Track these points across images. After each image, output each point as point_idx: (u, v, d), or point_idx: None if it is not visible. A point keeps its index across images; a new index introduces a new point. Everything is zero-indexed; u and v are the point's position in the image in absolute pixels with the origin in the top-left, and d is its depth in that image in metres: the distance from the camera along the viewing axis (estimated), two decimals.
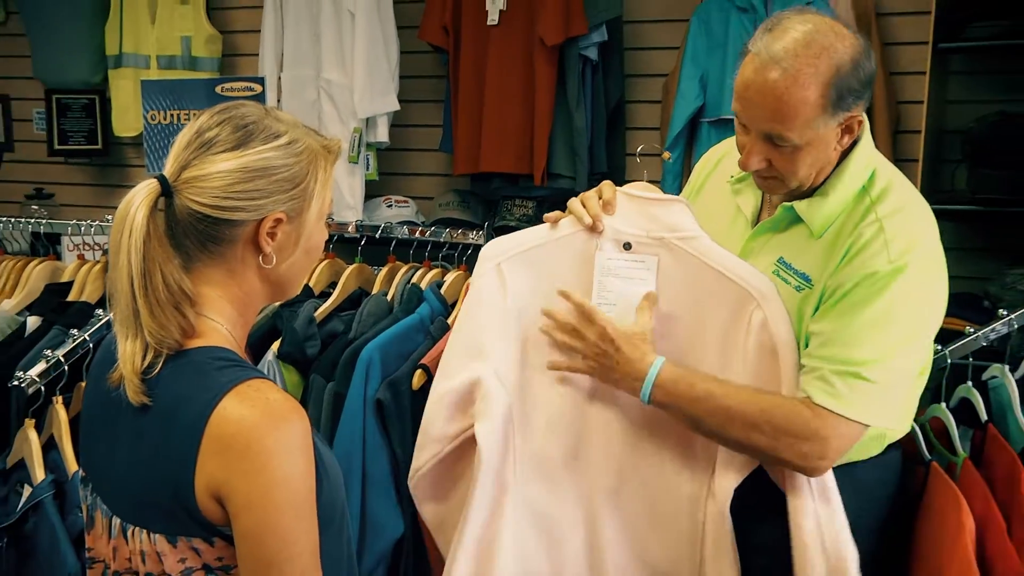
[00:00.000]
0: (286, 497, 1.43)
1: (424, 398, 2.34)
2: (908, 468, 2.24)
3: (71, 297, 2.79)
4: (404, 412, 2.33)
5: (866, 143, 2.02)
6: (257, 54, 4.40)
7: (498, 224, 3.97)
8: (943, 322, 2.04)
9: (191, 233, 1.52)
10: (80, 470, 1.75)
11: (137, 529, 1.52)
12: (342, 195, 4.11)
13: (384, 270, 2.78)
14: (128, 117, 4.75)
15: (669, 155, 2.30)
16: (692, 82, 3.73)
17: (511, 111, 3.97)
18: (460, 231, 2.82)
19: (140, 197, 1.47)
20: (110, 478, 1.58)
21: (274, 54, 4.31)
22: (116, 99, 4.79)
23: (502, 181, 4.10)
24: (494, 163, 4.01)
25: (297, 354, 2.51)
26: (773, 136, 1.90)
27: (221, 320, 1.56)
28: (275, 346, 2.51)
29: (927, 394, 2.20)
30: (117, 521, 1.55)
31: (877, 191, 1.98)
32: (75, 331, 2.48)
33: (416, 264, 2.82)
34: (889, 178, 2.01)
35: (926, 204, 2.03)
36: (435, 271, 2.74)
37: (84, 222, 3.00)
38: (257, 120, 1.54)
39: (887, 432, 2.06)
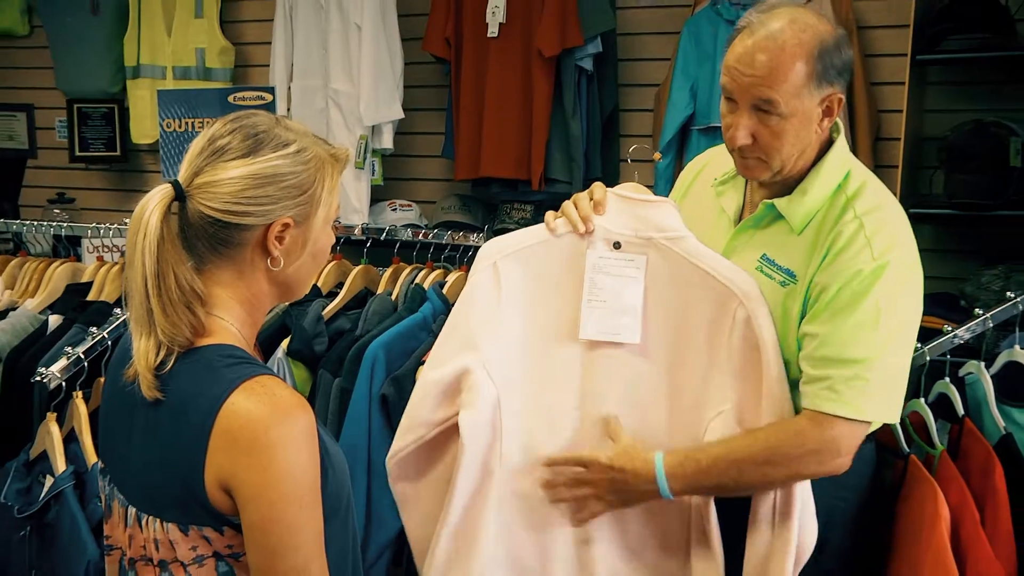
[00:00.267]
0: (291, 489, 1.43)
1: None
2: (887, 461, 2.24)
3: (90, 297, 2.79)
4: None
5: (841, 145, 2.04)
6: (268, 65, 4.41)
7: (497, 227, 3.97)
8: (922, 320, 2.05)
9: (203, 236, 1.52)
10: (99, 461, 1.75)
11: (151, 518, 1.52)
12: (349, 199, 4.12)
13: (389, 271, 2.78)
14: (145, 125, 4.76)
15: (660, 156, 2.30)
16: (683, 92, 3.73)
17: (510, 119, 3.97)
18: (461, 233, 2.82)
19: (154, 201, 1.47)
20: (126, 469, 1.58)
21: (284, 65, 4.32)
22: (134, 108, 4.80)
23: (501, 186, 4.10)
24: (494, 168, 4.01)
25: (306, 351, 2.51)
26: (762, 103, 1.91)
27: (231, 319, 1.55)
28: (285, 343, 2.51)
29: (907, 390, 2.20)
30: (132, 510, 1.55)
31: (853, 189, 1.98)
32: (94, 329, 2.48)
33: (419, 265, 2.82)
34: (863, 178, 2.02)
35: (898, 203, 2.04)
36: (437, 272, 2.74)
37: (103, 225, 3.00)
38: (267, 129, 1.54)
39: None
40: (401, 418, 2.33)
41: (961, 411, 2.30)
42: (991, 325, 2.42)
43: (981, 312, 2.43)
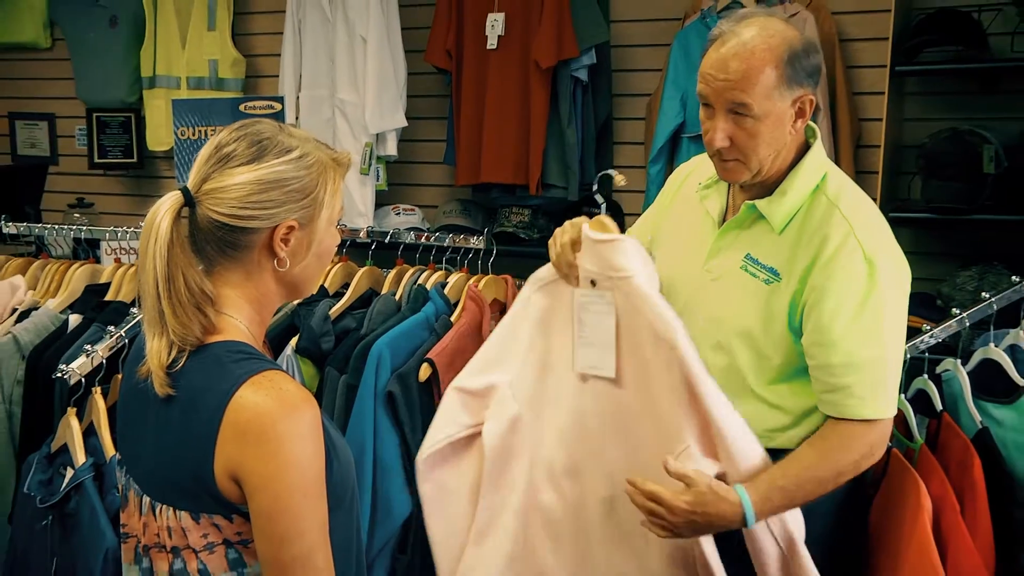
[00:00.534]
0: (297, 479, 1.43)
1: (430, 390, 2.34)
2: None
3: (108, 297, 2.78)
4: (412, 402, 2.33)
5: (818, 149, 2.05)
6: (277, 76, 4.40)
7: (496, 230, 3.97)
8: None
9: (212, 240, 1.52)
10: (117, 453, 1.75)
11: (164, 507, 1.52)
12: (354, 203, 4.11)
13: (392, 272, 2.77)
14: (161, 133, 4.76)
15: (624, 178, 2.33)
16: (673, 101, 3.72)
17: (509, 127, 3.97)
18: (462, 236, 2.80)
19: (165, 207, 1.48)
20: (141, 461, 1.59)
21: (293, 76, 4.31)
22: (150, 117, 4.80)
23: (500, 191, 4.09)
24: (493, 174, 4.00)
25: (313, 349, 2.51)
26: (736, 106, 1.93)
27: (240, 317, 1.56)
28: (293, 341, 2.50)
29: None
30: (147, 499, 1.56)
31: (833, 191, 2.00)
32: (112, 328, 2.47)
33: (422, 267, 2.81)
34: (840, 180, 2.04)
35: (873, 202, 2.06)
36: (439, 273, 2.73)
37: (121, 229, 2.99)
38: (271, 136, 1.54)
39: None
40: (405, 413, 2.33)
41: (939, 406, 2.29)
42: (967, 324, 2.42)
43: (957, 312, 2.43)
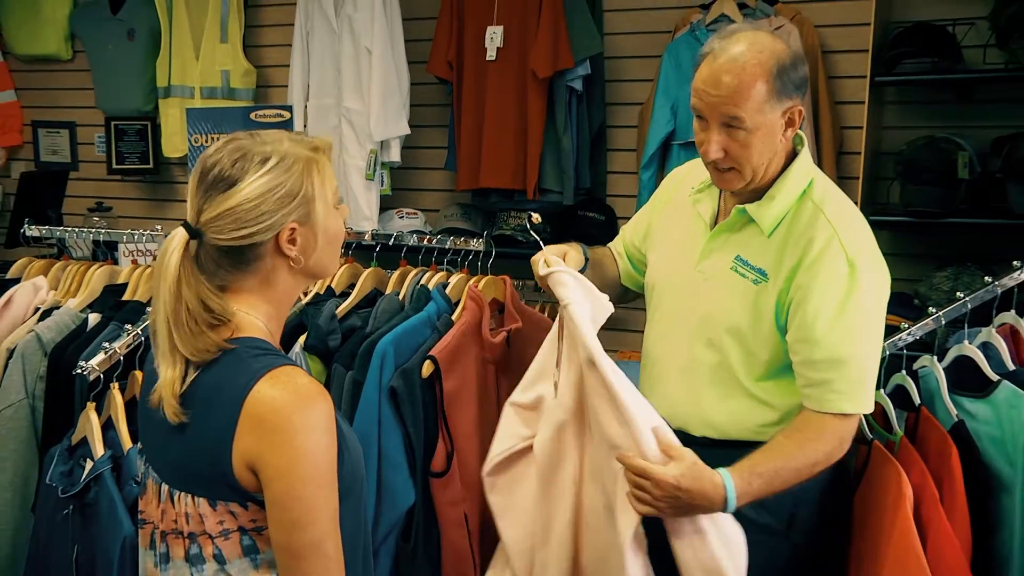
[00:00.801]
0: (311, 469, 1.43)
1: (432, 385, 2.34)
2: (852, 446, 2.23)
3: (126, 297, 2.78)
4: (415, 398, 2.32)
5: (805, 156, 2.06)
6: (286, 85, 4.39)
7: (495, 233, 3.96)
8: None
9: (223, 262, 1.53)
10: (137, 444, 1.75)
11: (182, 494, 1.53)
12: (360, 208, 4.11)
13: (396, 273, 2.77)
14: (175, 140, 4.75)
15: (539, 218, 2.36)
16: (664, 110, 3.71)
17: (507, 134, 3.96)
18: (463, 239, 2.80)
19: (173, 246, 1.49)
20: (160, 450, 1.59)
21: (301, 85, 4.30)
22: (165, 125, 4.79)
23: (499, 196, 4.08)
24: (492, 180, 3.99)
25: (321, 346, 2.50)
26: (730, 119, 1.93)
27: (257, 315, 1.56)
28: (302, 339, 2.50)
29: None
30: (165, 487, 1.56)
31: (818, 196, 2.00)
32: (129, 326, 2.46)
33: (424, 268, 2.80)
34: (826, 187, 2.04)
35: (856, 207, 2.07)
36: (441, 274, 2.72)
37: (137, 232, 2.98)
38: (246, 151, 1.53)
39: None
40: (408, 408, 2.33)
41: (917, 400, 2.30)
42: (943, 322, 2.42)
43: (934, 310, 2.43)
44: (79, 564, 2.15)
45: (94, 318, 2.67)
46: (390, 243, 2.87)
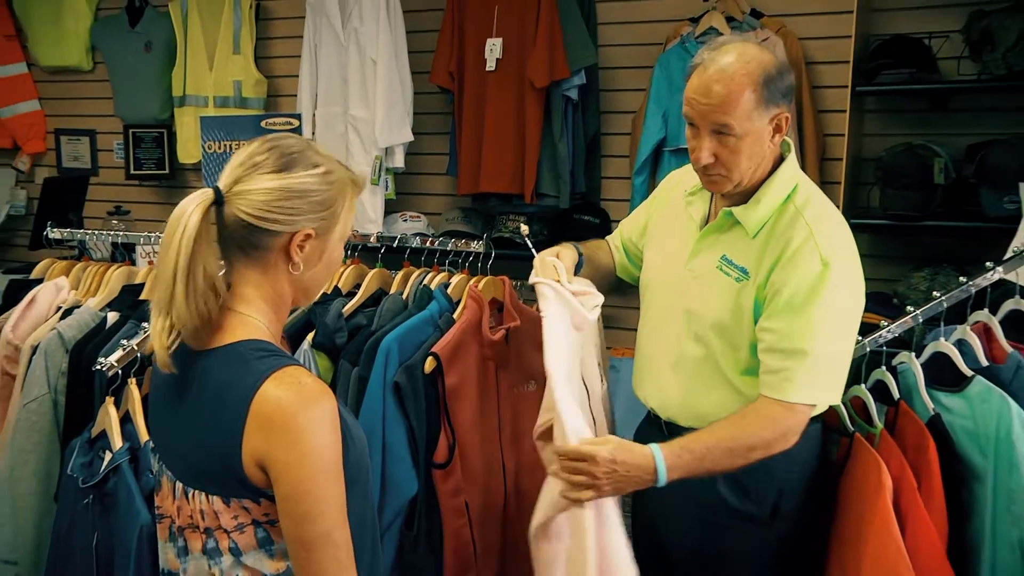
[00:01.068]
0: (318, 464, 1.43)
1: (434, 381, 2.34)
2: (834, 439, 2.24)
3: (143, 296, 2.77)
4: (418, 392, 2.32)
5: (791, 162, 2.06)
6: (296, 95, 4.39)
7: (495, 235, 3.96)
8: (863, 316, 2.05)
9: (235, 238, 1.51)
10: (150, 441, 1.74)
11: (196, 492, 1.52)
12: (365, 211, 4.11)
13: (400, 274, 2.76)
14: (190, 147, 4.76)
15: (527, 228, 2.41)
16: (656, 118, 3.72)
17: (506, 141, 3.96)
18: (463, 241, 2.79)
19: (196, 202, 1.47)
20: (172, 451, 1.58)
21: (310, 95, 4.30)
22: (180, 132, 4.80)
23: (498, 200, 4.09)
24: (491, 184, 4.00)
25: (328, 343, 2.50)
26: (720, 127, 1.94)
27: (259, 317, 1.55)
28: (310, 337, 2.49)
29: (848, 377, 2.20)
30: (180, 485, 1.55)
31: (801, 200, 2.00)
32: (146, 324, 2.46)
33: (427, 269, 2.79)
34: (809, 191, 2.04)
35: (840, 213, 2.07)
36: (442, 275, 2.72)
37: (154, 234, 2.98)
38: (301, 151, 1.54)
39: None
40: (411, 402, 2.32)
41: (896, 395, 2.29)
42: (920, 320, 2.42)
43: (911, 309, 2.42)
44: (99, 550, 2.15)
45: (113, 316, 2.66)
46: (394, 245, 2.86)
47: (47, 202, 4.39)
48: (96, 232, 3.10)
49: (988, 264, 2.39)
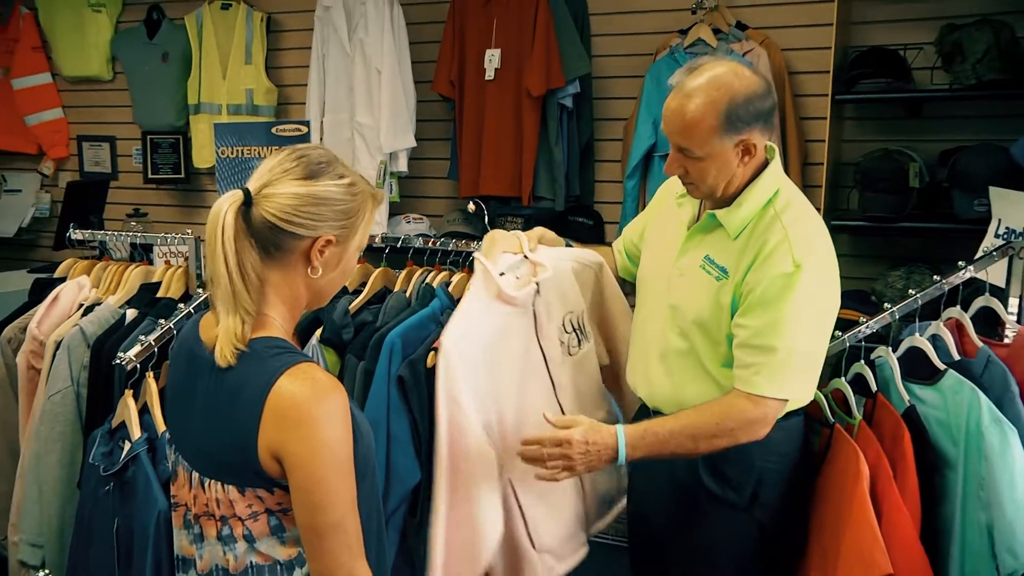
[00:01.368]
0: (330, 456, 1.43)
1: (435, 375, 2.33)
2: (815, 429, 2.24)
3: (160, 294, 2.77)
4: (420, 385, 2.31)
5: (773, 168, 2.04)
6: (304, 102, 4.39)
7: None
8: (841, 312, 2.05)
9: (259, 238, 1.50)
10: (167, 431, 1.74)
11: (212, 481, 1.52)
12: None
13: (403, 272, 2.76)
14: (204, 153, 4.76)
15: (472, 208, 2.44)
16: (646, 125, 3.72)
17: (504, 147, 3.96)
18: (464, 241, 2.78)
19: (228, 203, 1.47)
20: (189, 442, 1.58)
21: (318, 102, 4.30)
22: (195, 138, 4.79)
23: (497, 202, 4.09)
24: (491, 188, 4.00)
25: (335, 339, 2.49)
26: (682, 148, 1.95)
27: (276, 315, 1.55)
28: (318, 333, 2.49)
29: (828, 370, 2.20)
30: (196, 475, 1.55)
31: (781, 205, 1.99)
32: (163, 321, 2.46)
33: (429, 268, 2.79)
34: (790, 196, 2.02)
35: (819, 217, 2.06)
36: (444, 273, 2.71)
37: (170, 235, 2.97)
38: (329, 162, 1.54)
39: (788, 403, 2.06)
40: (415, 394, 2.32)
41: (874, 387, 2.29)
42: (896, 317, 2.41)
43: (888, 306, 2.42)
44: (119, 535, 2.15)
45: (131, 313, 2.66)
46: (398, 245, 2.86)
47: (70, 205, 4.38)
48: (116, 233, 3.10)
49: (960, 263, 2.39)
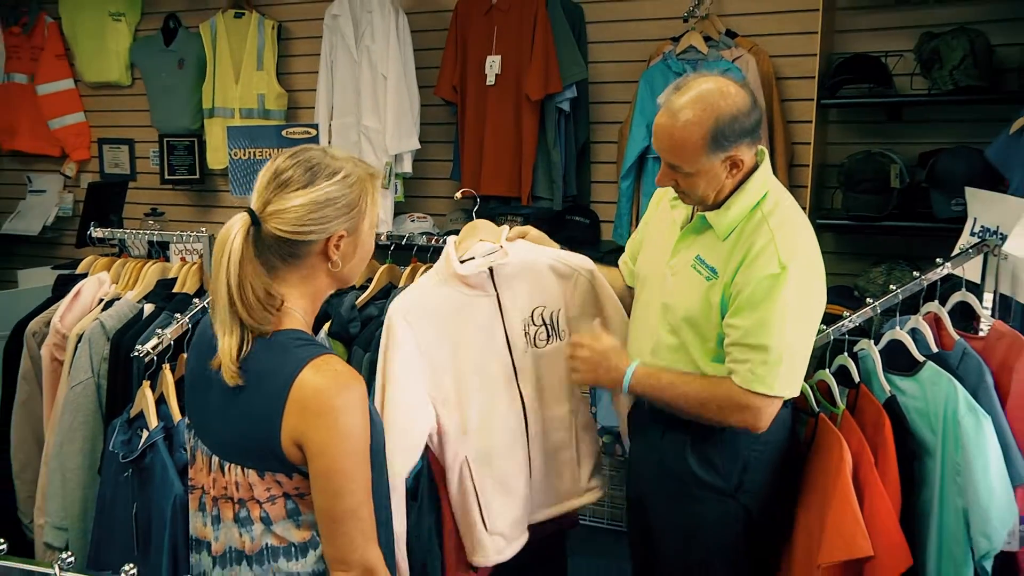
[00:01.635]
0: (349, 445, 1.43)
1: None
2: (801, 419, 2.24)
3: (176, 289, 2.77)
4: None
5: (762, 172, 2.03)
6: (313, 107, 4.38)
7: None
8: (826, 307, 2.05)
9: (275, 251, 1.51)
10: (185, 419, 1.74)
11: (232, 465, 1.52)
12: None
13: (408, 269, 2.76)
14: (218, 154, 4.75)
15: (460, 195, 2.47)
16: (640, 128, 3.71)
17: (504, 149, 3.96)
18: None
19: (236, 227, 1.46)
20: (211, 427, 1.58)
21: (326, 107, 4.29)
22: (210, 141, 4.78)
23: (497, 202, 4.08)
24: (491, 188, 3.99)
25: (343, 332, 2.50)
26: (672, 165, 1.96)
27: (297, 309, 1.55)
28: (326, 326, 2.50)
29: (813, 362, 2.20)
30: (216, 459, 1.55)
31: (768, 207, 1.98)
32: (179, 315, 2.46)
33: (432, 264, 2.79)
34: (778, 198, 2.02)
35: (806, 218, 2.05)
36: None
37: (186, 233, 2.98)
38: (319, 162, 1.52)
39: None
40: None
41: (857, 379, 2.29)
42: (878, 311, 2.42)
43: (871, 301, 2.42)
44: (138, 518, 2.16)
45: (149, 308, 2.66)
46: (403, 243, 2.86)
47: (91, 204, 4.37)
48: (134, 231, 3.10)
49: (938, 260, 2.39)
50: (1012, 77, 3.35)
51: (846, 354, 2.35)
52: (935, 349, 2.28)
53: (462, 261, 2.16)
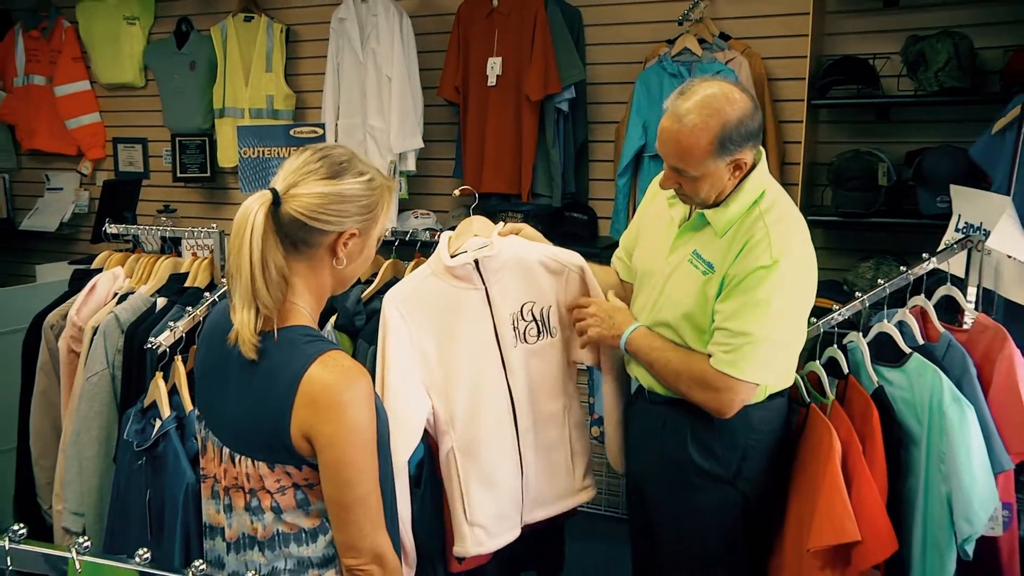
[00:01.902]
0: (357, 437, 1.43)
1: None
2: (793, 409, 2.24)
3: (187, 284, 2.77)
4: None
5: (760, 170, 2.03)
6: (320, 107, 4.37)
7: None
8: (816, 301, 2.04)
9: (288, 236, 1.49)
10: (195, 410, 1.74)
11: (243, 457, 1.51)
12: None
13: (412, 264, 2.76)
14: (229, 153, 4.74)
15: (459, 192, 2.46)
16: (636, 127, 3.70)
17: (505, 148, 3.95)
18: None
19: (258, 203, 1.45)
20: (221, 419, 1.57)
21: (333, 107, 4.28)
22: (220, 140, 4.78)
23: (498, 199, 4.07)
24: (492, 185, 3.98)
25: (348, 325, 2.49)
26: (677, 169, 1.94)
27: (304, 304, 1.54)
28: (332, 320, 2.49)
29: (804, 354, 2.20)
30: (227, 450, 1.55)
31: (765, 205, 1.98)
32: (190, 308, 2.45)
33: None
34: (775, 197, 2.01)
35: (801, 216, 2.04)
36: None
37: (197, 229, 2.97)
38: (349, 160, 1.52)
39: (767, 386, 2.06)
40: None
41: (846, 370, 2.29)
42: (866, 304, 2.41)
43: (859, 295, 2.42)
44: (151, 505, 2.16)
45: (161, 302, 2.66)
46: (406, 239, 2.86)
47: (106, 201, 4.36)
48: (147, 227, 3.09)
49: (924, 256, 2.39)
50: (994, 79, 3.34)
51: (835, 346, 2.35)
52: (921, 341, 2.28)
53: (454, 255, 2.13)
